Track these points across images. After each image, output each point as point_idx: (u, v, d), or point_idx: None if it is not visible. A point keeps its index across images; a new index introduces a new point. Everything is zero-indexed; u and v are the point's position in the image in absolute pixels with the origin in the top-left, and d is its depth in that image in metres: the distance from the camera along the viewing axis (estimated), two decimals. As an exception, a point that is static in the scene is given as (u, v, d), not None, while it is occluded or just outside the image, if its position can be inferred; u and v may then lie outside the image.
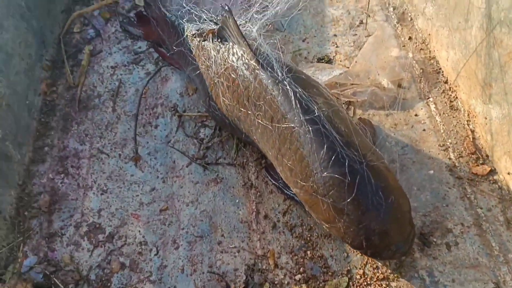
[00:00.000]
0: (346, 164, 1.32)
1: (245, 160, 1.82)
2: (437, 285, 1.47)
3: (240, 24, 1.58)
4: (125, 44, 2.23)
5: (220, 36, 1.64)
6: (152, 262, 1.65)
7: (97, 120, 1.99)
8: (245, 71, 1.52)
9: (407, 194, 1.44)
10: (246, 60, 1.52)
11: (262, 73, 1.48)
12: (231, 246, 1.64)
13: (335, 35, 2.08)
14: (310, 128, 1.36)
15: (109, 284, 1.61)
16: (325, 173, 1.33)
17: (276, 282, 1.55)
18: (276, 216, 1.68)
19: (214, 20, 1.72)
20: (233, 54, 1.56)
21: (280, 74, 1.45)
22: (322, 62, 1.98)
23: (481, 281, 1.45)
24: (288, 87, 1.42)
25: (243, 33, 1.55)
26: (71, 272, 1.64)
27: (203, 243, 1.66)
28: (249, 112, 1.53)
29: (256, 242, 1.64)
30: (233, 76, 1.56)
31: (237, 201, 1.73)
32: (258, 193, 1.74)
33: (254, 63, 1.50)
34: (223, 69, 1.60)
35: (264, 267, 1.58)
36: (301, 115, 1.38)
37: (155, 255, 1.66)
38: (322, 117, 1.37)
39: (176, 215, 1.73)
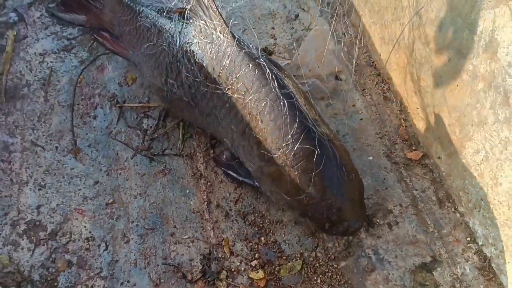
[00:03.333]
0: (316, 137, 1.40)
1: (192, 151, 1.81)
2: (382, 262, 1.60)
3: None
4: (53, 30, 2.08)
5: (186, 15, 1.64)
6: (102, 258, 1.58)
7: (27, 111, 1.86)
8: (217, 48, 1.54)
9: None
10: (220, 36, 1.54)
11: (238, 49, 1.52)
12: (184, 237, 1.63)
13: (273, 28, 2.14)
14: (285, 102, 1.43)
15: (55, 283, 1.52)
16: (297, 145, 1.39)
17: (233, 269, 1.57)
18: (228, 205, 1.70)
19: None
20: (201, 32, 1.56)
21: (255, 52, 1.52)
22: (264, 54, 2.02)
23: (420, 255, 1.60)
24: (264, 63, 1.47)
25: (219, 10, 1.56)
26: (11, 273, 1.53)
27: (155, 235, 1.63)
28: (219, 87, 1.53)
29: (210, 231, 1.65)
30: (201, 52, 1.57)
31: (187, 191, 1.72)
32: (208, 183, 1.74)
33: (230, 39, 1.54)
34: (189, 46, 1.60)
35: (219, 255, 1.60)
36: (277, 90, 1.45)
37: (105, 250, 1.60)
38: (295, 94, 1.44)
39: (124, 208, 1.68)
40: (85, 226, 1.63)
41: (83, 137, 1.82)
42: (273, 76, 1.48)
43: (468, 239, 1.62)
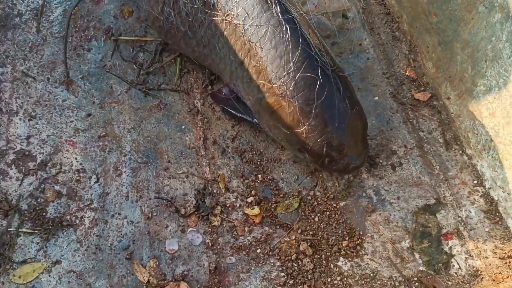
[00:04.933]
0: (319, 67, 1.30)
1: (189, 87, 1.73)
2: (383, 203, 1.53)
3: None
4: (47, -41, 1.98)
5: None
6: (93, 190, 1.53)
7: (19, 41, 1.77)
8: None
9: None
10: None
11: None
12: (179, 172, 1.57)
13: (278, -36, 2.03)
14: (288, 27, 1.33)
15: (44, 213, 1.47)
16: (298, 74, 1.30)
17: (227, 205, 1.51)
18: (225, 142, 1.63)
19: None
20: None
21: None
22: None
23: (423, 197, 1.53)
24: None
25: None
26: (-2, 202, 1.48)
27: (148, 169, 1.57)
28: (218, 13, 1.44)
29: (205, 167, 1.58)
30: None
31: (183, 127, 1.65)
32: (205, 119, 1.67)
33: None
34: None
35: (215, 191, 1.54)
36: (279, 15, 1.35)
37: (95, 182, 1.54)
38: (299, 20, 1.35)
39: (116, 141, 1.62)
40: (76, 158, 1.57)
41: (76, 69, 1.74)
42: (276, 0, 1.39)
43: (475, 182, 1.55)
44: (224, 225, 1.49)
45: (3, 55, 1.74)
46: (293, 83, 1.35)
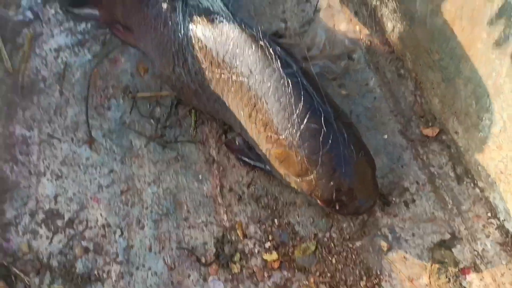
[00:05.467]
0: (322, 116, 1.38)
1: (204, 137, 1.81)
2: (399, 240, 1.56)
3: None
4: (67, 26, 2.12)
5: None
6: (118, 244, 1.61)
7: (44, 105, 1.90)
8: (220, 32, 1.56)
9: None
10: (223, 21, 1.57)
11: (240, 32, 1.53)
12: (198, 221, 1.64)
13: (283, 12, 2.12)
14: (289, 81, 1.41)
15: (73, 269, 1.56)
16: (302, 124, 1.37)
17: (246, 251, 1.57)
18: (240, 188, 1.69)
19: None
20: (204, 18, 1.59)
21: (256, 34, 1.52)
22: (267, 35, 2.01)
23: (438, 233, 1.56)
24: (267, 44, 1.46)
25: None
26: (30, 261, 1.57)
27: (169, 220, 1.64)
28: (224, 71, 1.53)
29: (223, 215, 1.65)
30: (205, 37, 1.59)
31: (200, 177, 1.73)
32: (221, 168, 1.74)
33: (232, 23, 1.56)
34: (193, 33, 1.62)
35: (233, 238, 1.60)
36: (280, 70, 1.44)
37: (120, 236, 1.62)
38: (300, 73, 1.43)
39: (138, 195, 1.70)
40: (101, 214, 1.66)
41: (97, 128, 1.84)
42: (276, 56, 1.47)
43: (489, 214, 1.56)
44: (243, 272, 1.54)
45: (30, 119, 1.86)
46: (298, 133, 1.41)
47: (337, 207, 1.46)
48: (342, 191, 1.42)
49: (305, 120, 1.40)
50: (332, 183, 1.41)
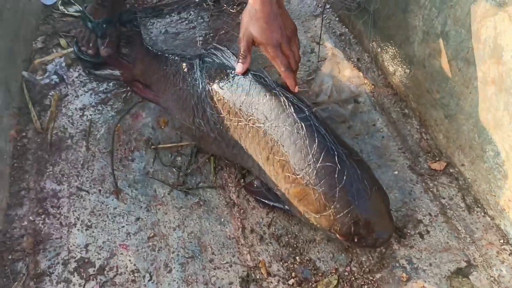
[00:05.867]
0: (336, 155, 1.48)
1: (224, 182, 1.92)
2: (417, 271, 1.62)
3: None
4: (90, 86, 2.29)
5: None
6: (147, 288, 1.68)
7: (72, 160, 2.02)
8: (235, 84, 1.71)
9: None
10: (237, 75, 1.73)
11: (254, 82, 1.69)
12: (223, 262, 1.71)
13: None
14: (303, 125, 1.52)
15: (106, 315, 1.62)
16: (318, 163, 1.47)
17: (271, 289, 1.63)
18: (261, 229, 1.78)
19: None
20: (220, 72, 1.74)
21: (269, 84, 1.66)
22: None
23: (454, 261, 1.62)
24: (279, 92, 1.59)
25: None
26: (65, 309, 1.64)
27: (195, 263, 1.72)
28: (241, 119, 1.65)
29: (246, 255, 1.72)
30: (221, 90, 1.74)
31: (222, 220, 1.82)
32: (242, 210, 1.83)
33: (246, 76, 1.72)
34: (210, 86, 1.77)
35: (257, 277, 1.66)
36: (294, 114, 1.56)
37: (149, 280, 1.69)
38: (312, 117, 1.54)
39: (164, 240, 1.78)
40: (130, 260, 1.74)
41: (123, 179, 1.96)
42: (289, 102, 1.60)
43: (501, 241, 1.63)
44: (270, 309, 1.59)
45: (59, 174, 1.98)
46: (314, 172, 1.51)
47: (356, 240, 1.53)
48: (360, 224, 1.50)
49: (320, 159, 1.51)
50: (349, 217, 1.49)
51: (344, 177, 1.49)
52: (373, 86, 2.10)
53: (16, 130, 2.10)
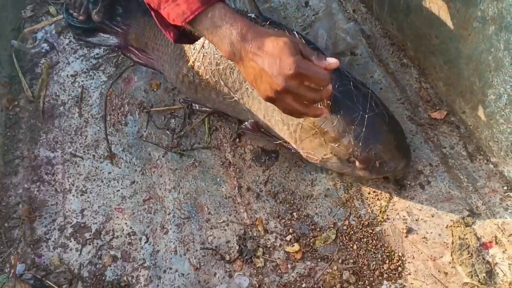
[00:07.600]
0: (351, 82, 1.55)
1: (219, 142, 1.87)
2: (418, 222, 1.57)
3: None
4: (81, 53, 2.24)
5: None
6: (144, 250, 1.66)
7: (65, 127, 1.99)
8: None
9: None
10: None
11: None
12: (219, 221, 1.68)
13: (284, 18, 2.19)
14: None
15: (103, 277, 1.61)
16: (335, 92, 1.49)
17: (268, 246, 1.60)
18: (258, 187, 1.74)
19: None
20: None
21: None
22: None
23: (456, 211, 1.57)
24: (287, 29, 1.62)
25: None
26: (63, 273, 1.63)
27: (192, 223, 1.69)
28: None
29: (243, 213, 1.69)
30: None
31: (218, 180, 1.78)
32: (237, 169, 1.79)
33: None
34: None
35: (254, 234, 1.63)
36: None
37: (146, 242, 1.68)
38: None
39: (160, 202, 1.76)
40: (126, 223, 1.72)
41: (117, 143, 1.92)
42: (299, 36, 1.56)
43: (505, 188, 1.57)
44: (267, 266, 1.57)
45: (53, 141, 1.95)
46: (331, 100, 1.48)
47: (377, 165, 1.50)
48: (381, 149, 1.48)
49: (336, 86, 1.49)
50: (370, 141, 1.47)
51: (361, 103, 1.48)
52: (369, 37, 2.01)
53: (8, 100, 2.07)
